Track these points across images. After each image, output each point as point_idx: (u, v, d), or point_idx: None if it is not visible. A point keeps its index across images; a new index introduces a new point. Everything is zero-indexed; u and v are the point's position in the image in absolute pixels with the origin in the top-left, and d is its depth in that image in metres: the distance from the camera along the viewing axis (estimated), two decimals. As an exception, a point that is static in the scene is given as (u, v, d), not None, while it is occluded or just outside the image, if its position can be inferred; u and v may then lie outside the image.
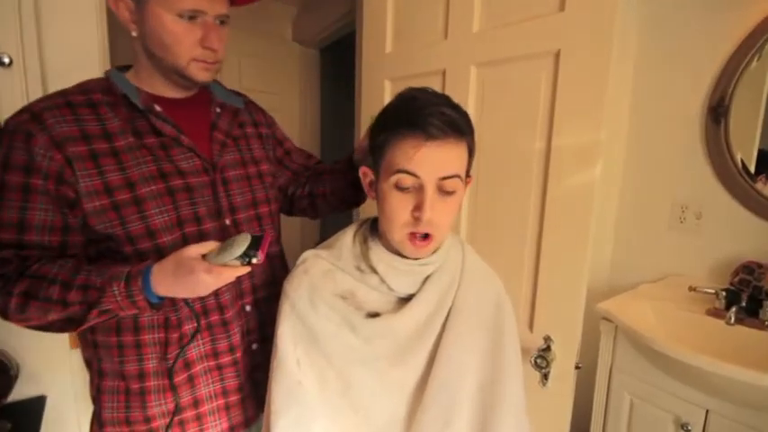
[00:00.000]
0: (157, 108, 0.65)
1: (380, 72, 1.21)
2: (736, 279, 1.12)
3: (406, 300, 0.65)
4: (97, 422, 0.70)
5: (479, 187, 1.01)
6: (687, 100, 1.23)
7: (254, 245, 0.56)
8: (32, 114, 0.59)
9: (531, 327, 0.93)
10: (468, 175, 0.65)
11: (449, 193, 0.59)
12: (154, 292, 0.57)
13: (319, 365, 0.63)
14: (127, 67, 0.69)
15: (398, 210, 0.59)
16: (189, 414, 0.69)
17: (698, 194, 1.23)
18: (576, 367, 0.88)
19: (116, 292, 0.56)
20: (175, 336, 0.67)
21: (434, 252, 0.65)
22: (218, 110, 0.74)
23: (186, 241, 0.65)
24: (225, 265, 0.56)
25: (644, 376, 1.10)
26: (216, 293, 0.68)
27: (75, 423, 1.01)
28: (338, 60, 2.27)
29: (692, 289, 1.15)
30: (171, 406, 0.68)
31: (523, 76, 0.89)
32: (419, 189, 0.58)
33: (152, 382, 0.67)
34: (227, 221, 0.71)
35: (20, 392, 0.95)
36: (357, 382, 0.63)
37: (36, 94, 0.83)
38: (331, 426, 0.62)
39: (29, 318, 0.59)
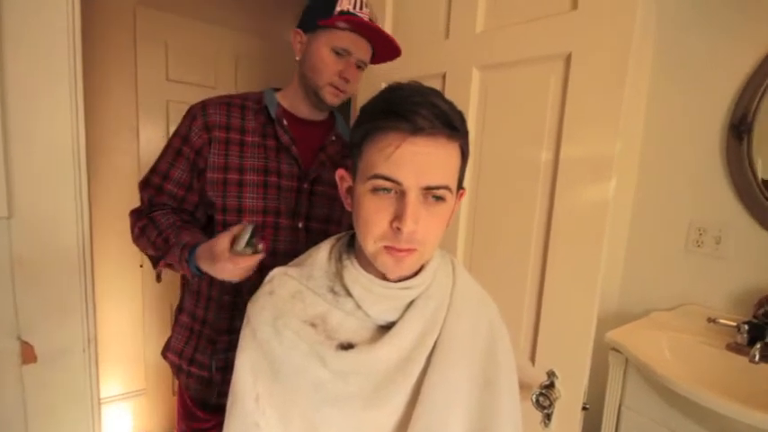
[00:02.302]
0: (284, 122, 0.82)
1: (377, 75, 1.13)
2: (761, 311, 1.02)
3: (385, 328, 0.56)
4: (167, 346, 0.90)
5: (479, 202, 0.92)
6: (706, 114, 1.15)
7: (254, 235, 0.64)
8: (203, 104, 0.80)
9: (533, 359, 0.83)
10: (461, 187, 0.56)
11: (436, 201, 0.50)
12: (197, 264, 0.70)
13: (282, 404, 0.54)
14: (278, 90, 0.88)
15: (374, 218, 0.50)
16: (218, 377, 0.82)
17: (717, 216, 1.13)
18: (584, 408, 0.78)
19: (176, 252, 0.72)
20: (226, 300, 0.82)
21: (418, 273, 0.56)
22: (333, 138, 0.87)
23: (264, 227, 0.80)
24: (241, 255, 0.63)
25: (658, 416, 1.00)
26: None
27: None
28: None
29: (710, 320, 1.06)
30: (208, 361, 0.83)
31: (530, 81, 0.81)
32: (400, 194, 0.49)
33: (207, 331, 0.84)
34: (300, 224, 0.83)
35: None
36: (326, 425, 0.54)
37: None
38: (293, 478, 0.53)
39: (141, 246, 0.81)
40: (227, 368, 0.80)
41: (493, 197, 0.90)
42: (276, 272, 0.61)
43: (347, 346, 0.53)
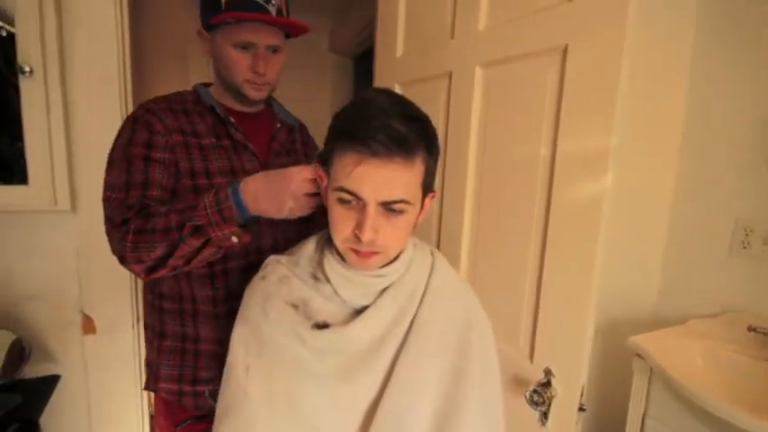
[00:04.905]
0: (232, 119, 0.79)
1: (392, 76, 1.17)
2: (814, 321, 0.90)
3: (360, 312, 0.60)
4: (153, 378, 0.81)
5: (482, 199, 0.92)
6: (754, 103, 1.04)
7: None
8: (147, 110, 0.74)
9: (531, 357, 0.82)
10: (430, 190, 0.59)
11: (396, 212, 0.54)
12: (242, 199, 0.63)
13: (268, 375, 0.60)
14: (208, 84, 0.84)
15: (340, 224, 0.55)
16: None
17: (766, 215, 1.02)
18: (581, 409, 0.76)
19: (207, 203, 0.63)
20: (221, 310, 0.77)
21: (388, 264, 0.59)
22: (278, 125, 0.87)
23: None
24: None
25: (685, 429, 0.93)
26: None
27: (84, 401, 1.10)
28: (371, 67, 2.28)
29: (751, 329, 0.96)
30: (214, 373, 0.77)
31: (528, 76, 0.80)
32: (362, 206, 0.53)
33: (204, 347, 0.78)
34: (276, 219, 0.79)
35: (36, 370, 1.06)
36: (305, 397, 0.59)
37: (56, 101, 0.94)
38: (274, 442, 0.59)
39: (141, 256, 0.66)
40: None
41: (495, 194, 0.90)
42: (270, 259, 0.68)
43: (322, 326, 0.59)
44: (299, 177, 0.62)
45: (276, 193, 0.63)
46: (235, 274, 0.78)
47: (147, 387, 0.82)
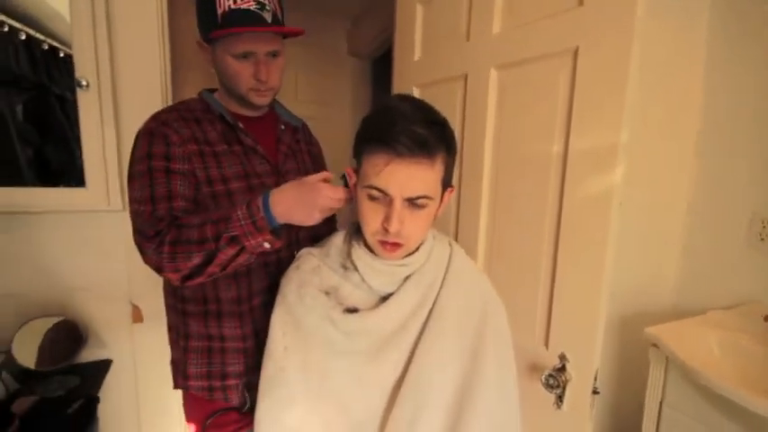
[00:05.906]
0: (241, 125, 0.82)
1: (410, 79, 1.23)
2: (832, 311, 0.91)
3: (386, 298, 0.66)
4: (182, 377, 0.83)
5: (498, 195, 0.97)
6: (771, 95, 1.04)
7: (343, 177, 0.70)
8: (162, 122, 0.76)
9: (546, 343, 0.87)
10: (449, 186, 0.65)
11: (419, 207, 0.60)
12: (271, 211, 0.66)
13: (303, 354, 0.67)
14: (212, 90, 0.87)
15: (370, 218, 0.62)
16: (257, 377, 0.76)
17: (784, 207, 1.03)
18: (594, 392, 0.80)
19: (240, 215, 0.66)
20: (245, 308, 0.81)
21: (411, 254, 0.65)
22: (282, 127, 0.90)
23: None
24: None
25: (701, 416, 0.95)
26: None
27: (133, 383, 1.20)
28: (389, 70, 2.34)
29: (767, 319, 0.97)
30: (242, 368, 0.81)
31: (541, 77, 0.85)
32: (389, 201, 0.59)
33: (229, 344, 0.81)
34: None
35: (91, 355, 1.17)
36: (336, 374, 0.66)
37: (108, 111, 1.04)
38: (310, 413, 0.66)
39: (178, 266, 0.68)
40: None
41: (511, 190, 0.94)
42: (303, 251, 0.75)
43: (352, 311, 0.65)
44: (328, 194, 0.66)
45: (305, 205, 0.66)
46: (255, 272, 0.82)
47: (177, 385, 0.85)
